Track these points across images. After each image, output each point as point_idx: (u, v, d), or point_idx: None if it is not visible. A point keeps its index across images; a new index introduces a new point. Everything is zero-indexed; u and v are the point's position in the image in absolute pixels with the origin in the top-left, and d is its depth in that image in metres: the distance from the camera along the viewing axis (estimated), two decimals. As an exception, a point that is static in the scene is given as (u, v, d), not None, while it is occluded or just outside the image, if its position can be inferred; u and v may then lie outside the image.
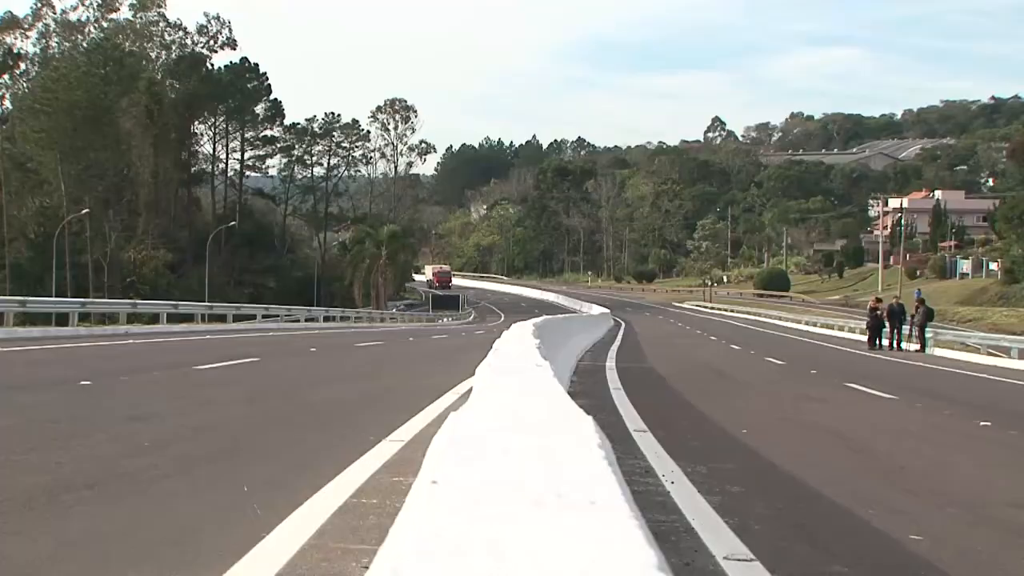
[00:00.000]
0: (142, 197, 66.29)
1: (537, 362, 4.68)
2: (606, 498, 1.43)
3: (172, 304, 35.92)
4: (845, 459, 8.32)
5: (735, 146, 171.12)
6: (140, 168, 66.17)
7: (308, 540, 4.33)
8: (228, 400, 10.31)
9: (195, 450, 6.88)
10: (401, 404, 10.12)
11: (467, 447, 1.72)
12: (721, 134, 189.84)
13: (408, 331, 42.02)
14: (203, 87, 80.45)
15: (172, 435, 7.52)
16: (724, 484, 6.41)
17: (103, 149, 60.56)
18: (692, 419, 10.90)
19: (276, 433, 8.05)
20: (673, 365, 21.28)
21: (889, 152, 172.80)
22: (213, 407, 9.59)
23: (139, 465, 6.12)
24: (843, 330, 44.11)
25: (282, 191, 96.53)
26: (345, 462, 6.26)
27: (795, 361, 24.05)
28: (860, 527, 5.41)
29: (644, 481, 6.36)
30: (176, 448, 6.91)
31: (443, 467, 1.57)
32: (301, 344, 23.99)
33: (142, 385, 11.64)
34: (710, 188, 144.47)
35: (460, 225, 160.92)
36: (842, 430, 10.30)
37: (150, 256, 63.10)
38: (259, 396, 10.89)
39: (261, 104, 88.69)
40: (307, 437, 7.81)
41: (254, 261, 78.73)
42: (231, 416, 8.93)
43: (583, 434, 1.88)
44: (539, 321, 16.01)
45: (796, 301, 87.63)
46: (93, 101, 59.99)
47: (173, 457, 6.51)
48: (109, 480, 5.62)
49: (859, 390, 15.34)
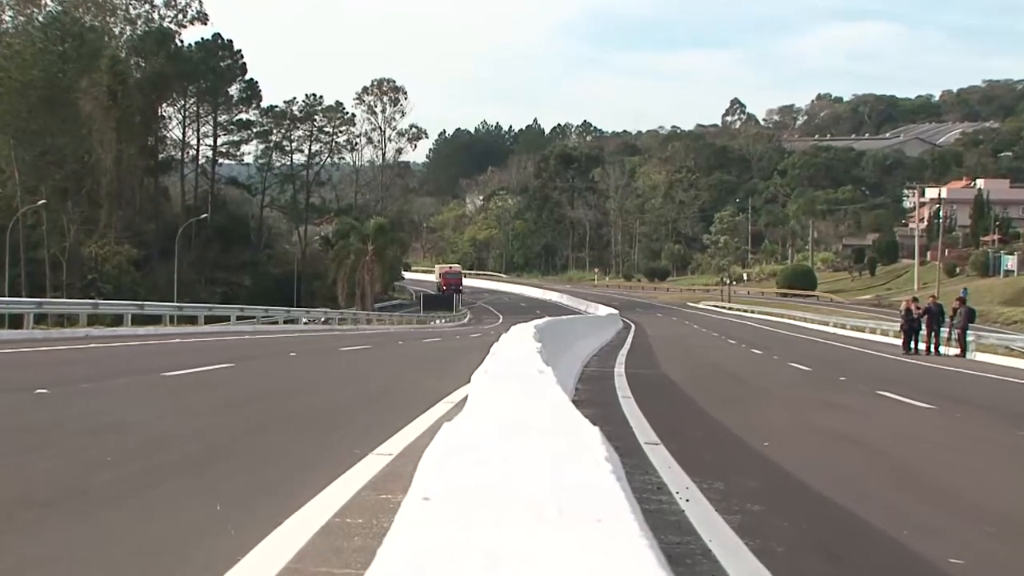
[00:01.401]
0: (104, 186, 66.27)
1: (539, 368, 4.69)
2: (614, 515, 1.44)
3: (137, 304, 35.89)
4: (877, 474, 8.33)
5: (756, 131, 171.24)
6: (102, 155, 66.16)
7: (287, 564, 4.33)
8: (200, 410, 10.32)
9: (163, 464, 6.89)
10: (389, 414, 10.12)
11: (462, 460, 1.73)
12: (741, 118, 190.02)
13: (397, 334, 42.01)
14: (171, 66, 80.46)
15: (138, 448, 7.52)
16: (744, 502, 6.42)
17: (61, 134, 60.52)
18: (709, 430, 10.91)
19: (252, 446, 8.06)
20: (688, 371, 21.28)
21: (926, 137, 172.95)
22: (183, 417, 9.60)
23: (102, 481, 6.13)
24: (875, 333, 44.15)
25: (258, 180, 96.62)
26: (328, 478, 6.26)
27: (822, 367, 24.05)
28: (894, 549, 5.42)
29: (656, 498, 6.37)
30: (143, 462, 6.92)
31: (436, 482, 1.58)
32: (280, 348, 23.99)
33: (105, 393, 11.64)
34: (729, 177, 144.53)
35: (454, 218, 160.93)
36: (873, 442, 10.31)
37: (113, 251, 63.10)
38: (234, 405, 10.90)
39: (235, 85, 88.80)
40: (286, 450, 7.82)
41: (228, 257, 78.79)
42: (203, 427, 8.94)
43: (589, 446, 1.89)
44: (541, 323, 16.02)
45: (823, 301, 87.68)
46: (50, 81, 59.94)
47: (139, 472, 6.51)
48: (70, 497, 5.62)
49: (892, 398, 15.35)
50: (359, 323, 57.22)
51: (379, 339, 33.90)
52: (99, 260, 62.27)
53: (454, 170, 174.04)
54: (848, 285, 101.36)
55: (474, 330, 50.53)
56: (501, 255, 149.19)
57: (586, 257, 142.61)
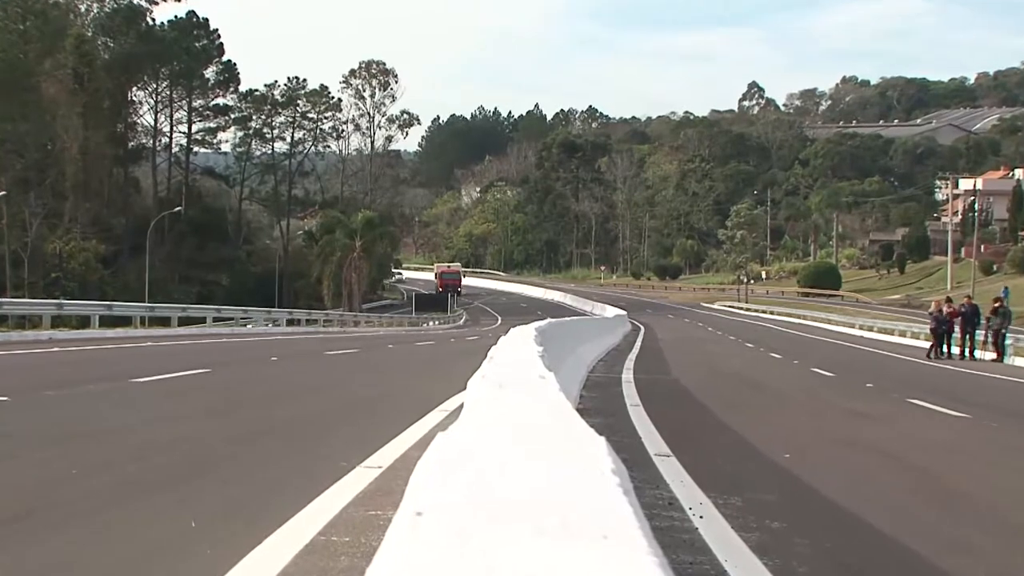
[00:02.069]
0: (69, 177, 66.21)
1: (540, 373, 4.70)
2: (621, 532, 1.44)
3: (105, 305, 35.91)
4: (906, 489, 8.34)
5: (776, 117, 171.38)
6: (67, 143, 66.10)
7: (269, 584, 4.34)
8: (173, 419, 10.32)
9: (134, 477, 6.90)
10: (378, 424, 10.13)
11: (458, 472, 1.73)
12: (759, 102, 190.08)
13: (387, 336, 42.03)
14: (142, 46, 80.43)
15: (108, 459, 7.53)
16: (763, 519, 6.43)
17: (22, 120, 60.48)
18: (724, 441, 10.92)
19: (230, 458, 8.07)
20: (702, 377, 21.32)
21: (960, 123, 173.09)
22: (155, 427, 9.60)
23: (70, 495, 6.14)
24: (905, 336, 44.18)
25: (237, 171, 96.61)
26: (312, 492, 6.27)
27: (847, 372, 24.08)
28: (924, 571, 5.43)
29: (667, 515, 6.38)
30: (113, 474, 6.92)
31: (430, 495, 1.59)
32: (260, 352, 24.01)
33: (71, 401, 11.64)
34: (746, 167, 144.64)
35: (448, 211, 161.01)
36: (902, 454, 10.33)
37: (79, 247, 63.03)
38: (210, 414, 10.91)
39: (211, 67, 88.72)
40: (267, 462, 7.82)
41: (204, 254, 78.75)
42: (177, 438, 8.95)
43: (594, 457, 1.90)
44: (543, 325, 16.04)
45: (848, 301, 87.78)
46: (10, 62, 59.92)
47: (109, 485, 6.52)
48: (37, 512, 5.63)
49: (923, 407, 15.37)
50: (346, 325, 57.25)
51: (367, 342, 33.91)
52: (64, 257, 62.19)
53: (449, 159, 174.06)
54: (875, 284, 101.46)
55: (470, 332, 50.55)
56: (499, 251, 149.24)
57: (591, 254, 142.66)
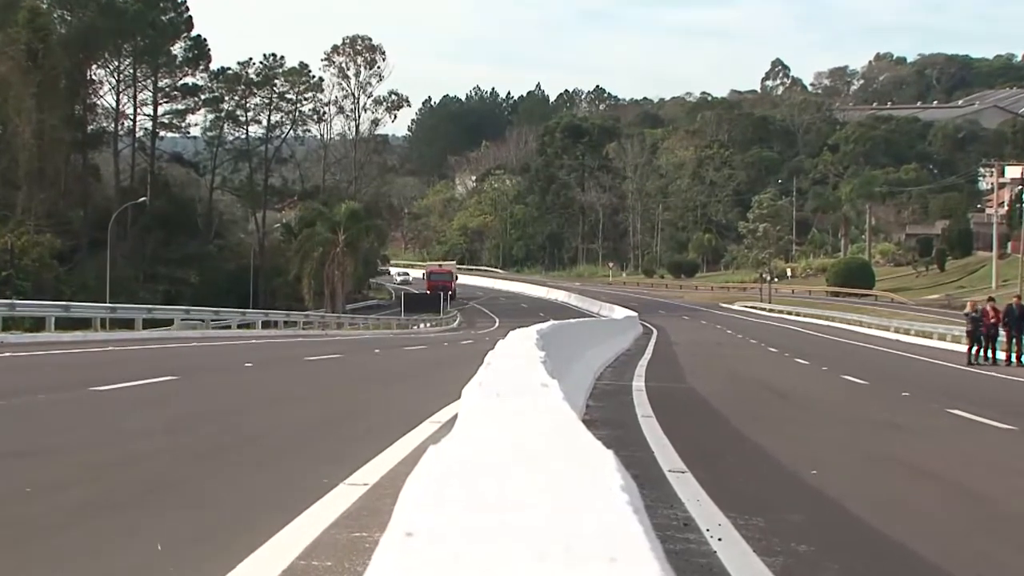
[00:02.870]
0: (22, 164, 66.19)
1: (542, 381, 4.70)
2: (631, 554, 1.44)
3: (62, 306, 35.89)
4: (946, 510, 8.35)
5: (802, 98, 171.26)
6: (19, 126, 66.07)
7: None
8: (137, 432, 10.33)
9: (95, 495, 6.90)
10: (364, 436, 10.13)
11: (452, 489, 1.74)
12: (784, 82, 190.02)
13: (374, 340, 42.02)
14: (103, 20, 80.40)
15: (65, 476, 7.53)
16: (788, 541, 6.44)
17: (-30, 101, 60.43)
18: (745, 456, 10.93)
19: (201, 473, 8.07)
20: (720, 384, 21.32)
21: (1006, 105, 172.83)
22: (117, 441, 9.61)
23: (23, 515, 6.13)
24: (945, 339, 44.16)
25: (207, 157, 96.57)
26: (291, 512, 6.27)
27: (881, 380, 24.10)
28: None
29: (682, 536, 6.39)
30: (71, 493, 6.92)
31: (421, 515, 1.59)
32: (233, 358, 23.99)
33: (22, 412, 11.64)
34: (769, 153, 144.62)
35: (441, 202, 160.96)
36: (942, 471, 10.34)
37: (32, 242, 62.97)
38: (179, 426, 10.91)
39: (179, 43, 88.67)
40: (241, 480, 7.83)
41: (171, 249, 78.71)
42: (141, 453, 8.95)
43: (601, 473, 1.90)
44: (545, 328, 16.03)
45: (882, 301, 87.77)
46: (-43, 38, 59.85)
47: (67, 505, 6.52)
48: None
49: (965, 418, 15.38)
50: (328, 327, 57.23)
51: (352, 347, 33.90)
52: (16, 252, 62.14)
53: (441, 145, 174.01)
54: (912, 282, 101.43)
55: (465, 336, 50.55)
56: (497, 246, 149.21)
57: (599, 249, 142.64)
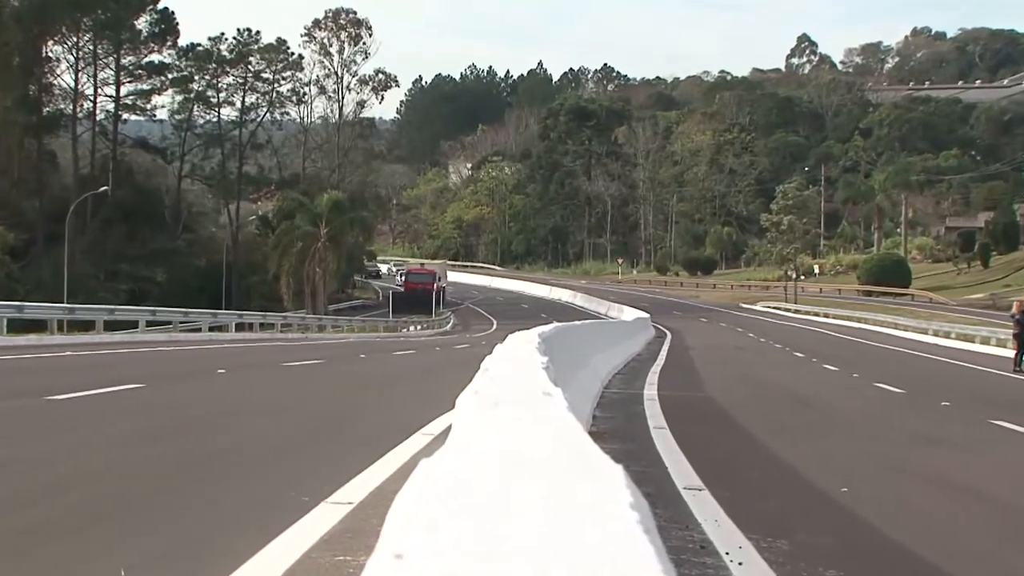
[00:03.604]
0: (-28, 151, 66.31)
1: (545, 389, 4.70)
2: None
3: (15, 306, 35.86)
4: (990, 532, 8.36)
5: (831, 77, 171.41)
6: (-31, 109, 66.18)
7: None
8: (98, 445, 10.33)
9: (53, 515, 6.90)
10: (348, 450, 10.14)
11: (445, 507, 1.74)
12: (811, 60, 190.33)
13: (359, 344, 42.05)
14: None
15: (18, 494, 7.53)
16: (815, 566, 6.45)
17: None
18: (769, 471, 10.94)
19: (167, 493, 8.07)
20: (741, 393, 21.35)
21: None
22: (75, 455, 9.61)
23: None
24: (989, 343, 44.19)
25: (175, 142, 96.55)
26: (268, 534, 6.28)
27: (918, 388, 24.12)
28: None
29: (699, 560, 6.40)
30: (25, 514, 6.92)
31: (412, 536, 1.59)
32: (205, 363, 24.03)
33: (-26, 423, 11.66)
34: (795, 137, 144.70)
35: (433, 192, 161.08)
36: (986, 489, 10.34)
37: (-17, 236, 63.09)
38: (144, 439, 10.92)
39: (144, 16, 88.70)
40: (213, 498, 7.83)
41: (135, 244, 78.73)
42: (102, 469, 8.95)
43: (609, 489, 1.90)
44: (547, 330, 16.03)
45: (920, 301, 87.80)
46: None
47: (20, 526, 6.52)
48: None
49: (1012, 430, 15.40)
50: (309, 330, 57.27)
51: (335, 351, 33.94)
52: (-35, 248, 62.24)
53: (433, 129, 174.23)
54: (953, 281, 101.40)
55: (459, 339, 50.56)
56: (495, 241, 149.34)
57: (607, 244, 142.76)
